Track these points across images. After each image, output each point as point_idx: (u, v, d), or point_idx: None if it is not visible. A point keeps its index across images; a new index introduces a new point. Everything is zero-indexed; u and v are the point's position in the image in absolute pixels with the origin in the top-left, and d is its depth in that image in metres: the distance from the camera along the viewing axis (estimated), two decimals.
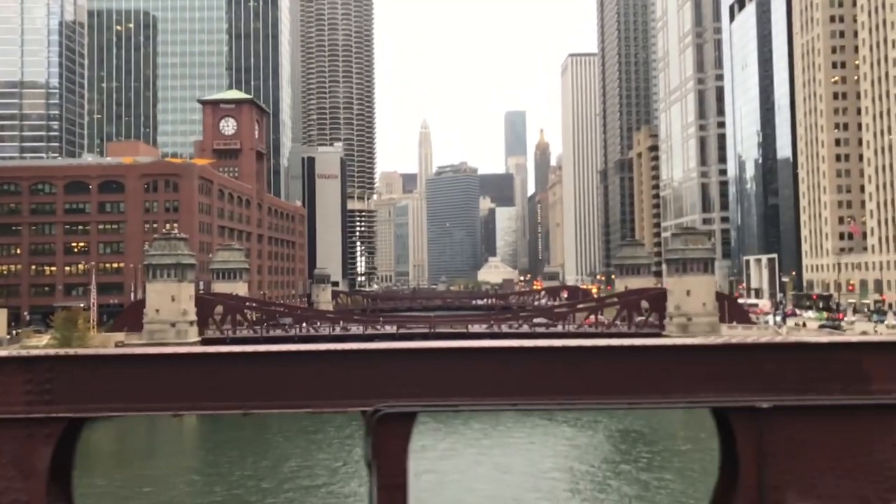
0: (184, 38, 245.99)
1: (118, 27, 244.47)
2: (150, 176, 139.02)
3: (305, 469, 58.86)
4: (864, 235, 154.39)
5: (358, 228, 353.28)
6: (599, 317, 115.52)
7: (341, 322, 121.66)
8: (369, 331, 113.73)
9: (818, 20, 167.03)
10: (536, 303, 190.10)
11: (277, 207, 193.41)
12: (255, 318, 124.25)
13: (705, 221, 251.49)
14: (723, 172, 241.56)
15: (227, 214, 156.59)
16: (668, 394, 6.89)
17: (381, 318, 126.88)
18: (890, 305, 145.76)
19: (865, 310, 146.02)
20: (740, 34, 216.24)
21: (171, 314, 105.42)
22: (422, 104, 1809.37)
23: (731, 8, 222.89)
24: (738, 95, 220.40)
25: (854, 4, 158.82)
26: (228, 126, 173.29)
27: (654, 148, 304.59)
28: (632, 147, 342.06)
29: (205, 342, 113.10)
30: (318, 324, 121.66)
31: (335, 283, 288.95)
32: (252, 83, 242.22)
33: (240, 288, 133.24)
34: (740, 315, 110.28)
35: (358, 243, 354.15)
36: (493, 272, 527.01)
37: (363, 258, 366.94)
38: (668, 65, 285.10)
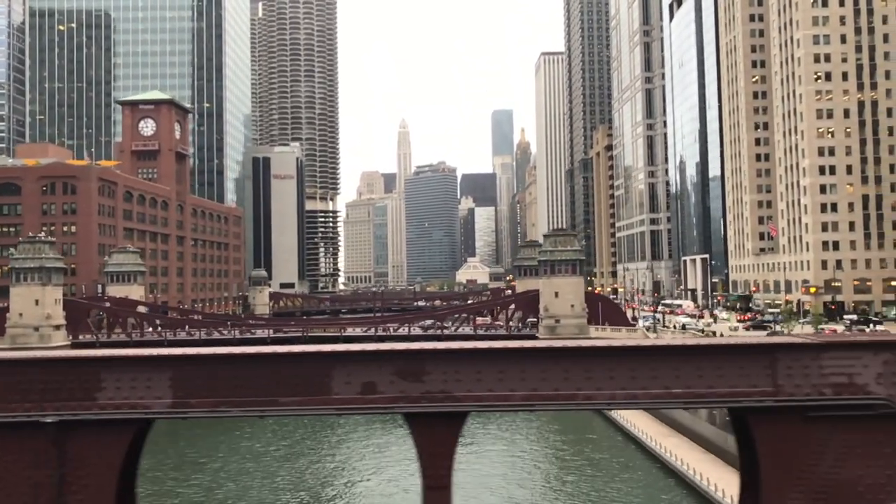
0: (127, 39, 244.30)
1: (60, 27, 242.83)
2: (48, 178, 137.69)
3: None
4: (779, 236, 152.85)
5: (320, 229, 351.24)
6: (479, 319, 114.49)
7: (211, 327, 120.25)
8: (245, 335, 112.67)
9: (738, 19, 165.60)
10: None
11: (204, 208, 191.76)
12: (160, 323, 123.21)
13: (653, 221, 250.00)
14: (668, 172, 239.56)
15: (136, 216, 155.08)
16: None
17: (239, 323, 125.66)
18: (801, 305, 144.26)
19: (777, 310, 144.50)
20: (678, 32, 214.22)
21: (34, 318, 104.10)
22: (406, 103, 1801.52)
23: (671, 6, 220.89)
24: (678, 95, 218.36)
25: None
26: (147, 127, 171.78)
27: (611, 147, 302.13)
28: (593, 146, 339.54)
29: (75, 346, 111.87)
30: (211, 328, 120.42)
31: (290, 285, 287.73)
32: (196, 83, 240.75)
33: (135, 291, 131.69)
34: (616, 317, 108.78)
35: (321, 244, 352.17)
36: (471, 272, 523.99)
37: (327, 259, 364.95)
38: (620, 63, 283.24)
